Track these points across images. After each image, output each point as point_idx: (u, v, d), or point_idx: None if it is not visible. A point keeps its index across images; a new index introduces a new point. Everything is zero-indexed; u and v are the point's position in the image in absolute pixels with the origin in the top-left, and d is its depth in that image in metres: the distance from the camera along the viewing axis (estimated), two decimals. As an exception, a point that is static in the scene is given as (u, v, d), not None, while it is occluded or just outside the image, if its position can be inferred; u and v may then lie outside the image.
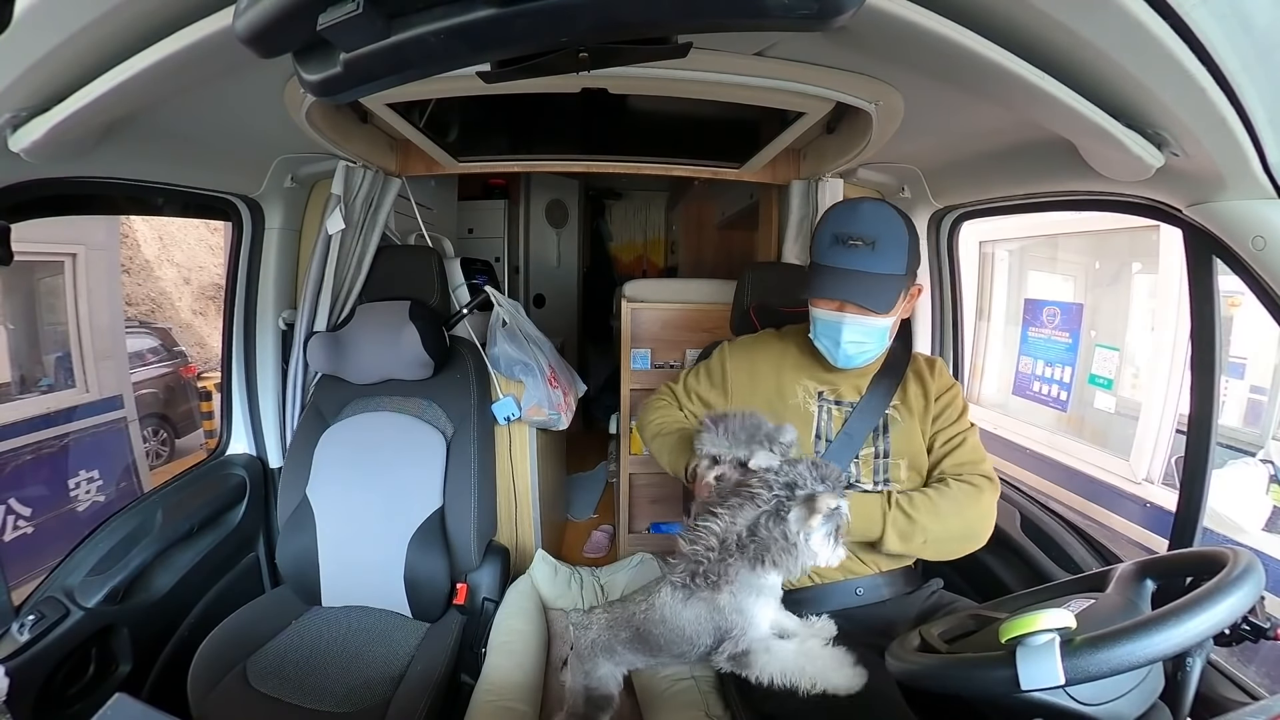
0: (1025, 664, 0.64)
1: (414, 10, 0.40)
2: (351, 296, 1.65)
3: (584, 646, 1.10)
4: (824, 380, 1.25)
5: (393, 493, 1.48)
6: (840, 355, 1.16)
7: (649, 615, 1.02)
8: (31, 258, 3.60)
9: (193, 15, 0.65)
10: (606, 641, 1.08)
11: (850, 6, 0.40)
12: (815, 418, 1.22)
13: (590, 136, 1.77)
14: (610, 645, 1.08)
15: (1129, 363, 2.89)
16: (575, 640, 1.12)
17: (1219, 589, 0.65)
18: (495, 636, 1.52)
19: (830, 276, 1.11)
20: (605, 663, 1.10)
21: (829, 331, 1.16)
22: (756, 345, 1.35)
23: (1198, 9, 0.56)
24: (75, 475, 3.52)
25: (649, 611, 1.02)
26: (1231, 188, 0.80)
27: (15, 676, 0.97)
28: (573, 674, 1.12)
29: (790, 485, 0.90)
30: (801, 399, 1.24)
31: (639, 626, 1.04)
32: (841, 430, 1.20)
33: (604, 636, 1.09)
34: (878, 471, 1.20)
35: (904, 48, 0.74)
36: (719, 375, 1.33)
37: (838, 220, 1.12)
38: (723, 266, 3.38)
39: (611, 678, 1.11)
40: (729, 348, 1.36)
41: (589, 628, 1.10)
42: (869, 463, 1.20)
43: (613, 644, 1.08)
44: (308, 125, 1.19)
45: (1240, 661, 1.11)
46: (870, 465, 1.20)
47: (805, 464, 0.93)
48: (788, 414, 1.21)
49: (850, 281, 1.10)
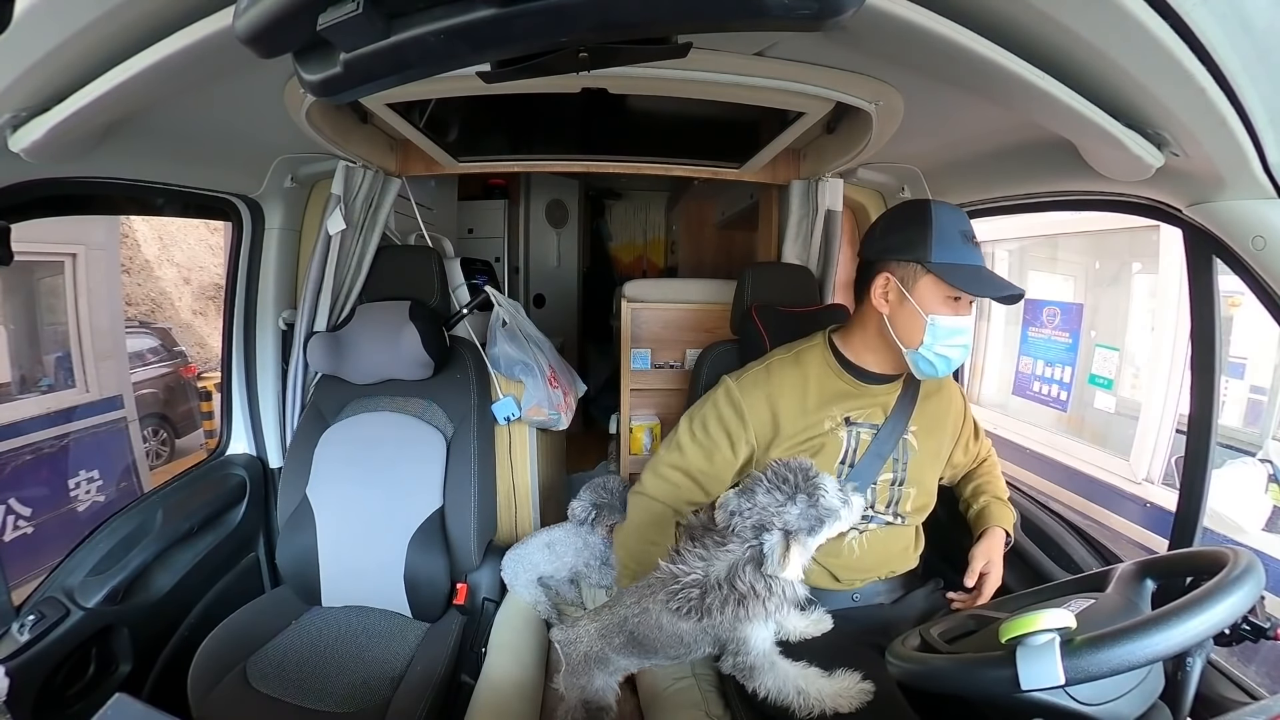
0: (1025, 664, 0.64)
1: (414, 10, 0.40)
2: (351, 296, 1.65)
3: (576, 660, 1.07)
4: (852, 403, 1.15)
5: (393, 493, 1.48)
6: (955, 365, 1.07)
7: (643, 620, 1.01)
8: (31, 258, 3.60)
9: (193, 15, 0.65)
10: (599, 652, 1.06)
11: (850, 6, 0.40)
12: (844, 444, 1.14)
13: (590, 136, 1.76)
14: (603, 655, 1.06)
15: (1129, 363, 2.89)
16: (565, 655, 1.09)
17: (1219, 589, 0.65)
18: (495, 636, 1.52)
19: (978, 275, 1.02)
20: (600, 674, 1.08)
21: (958, 338, 1.05)
22: (771, 378, 1.16)
23: (1198, 9, 0.56)
24: (75, 475, 3.53)
25: (643, 616, 1.01)
26: (1231, 188, 0.80)
27: (15, 676, 0.97)
28: (568, 689, 1.10)
29: (759, 528, 0.90)
30: (830, 427, 1.13)
31: (633, 631, 1.02)
32: (865, 454, 1.14)
33: (596, 647, 1.06)
34: (891, 501, 1.17)
35: (904, 48, 0.74)
36: (735, 420, 1.15)
37: (955, 218, 1.05)
38: (723, 266, 3.38)
39: (608, 688, 1.10)
40: (738, 386, 1.17)
41: (578, 641, 1.08)
42: (885, 490, 1.16)
43: (605, 653, 1.06)
44: (308, 125, 1.19)
45: (1240, 661, 1.11)
46: (886, 493, 1.17)
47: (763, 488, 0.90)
48: (819, 447, 1.13)
49: (995, 279, 1.04)
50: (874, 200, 1.80)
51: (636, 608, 1.02)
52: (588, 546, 1.61)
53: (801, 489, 0.89)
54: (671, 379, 2.00)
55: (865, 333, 1.15)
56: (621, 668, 1.11)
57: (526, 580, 1.60)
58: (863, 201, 1.79)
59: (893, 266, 1.07)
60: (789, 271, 1.71)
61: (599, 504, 1.60)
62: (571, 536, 1.62)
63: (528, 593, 1.59)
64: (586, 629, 1.08)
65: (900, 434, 1.16)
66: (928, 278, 1.04)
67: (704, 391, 1.54)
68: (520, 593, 1.59)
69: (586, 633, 1.08)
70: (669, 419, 2.01)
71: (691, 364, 1.85)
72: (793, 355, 1.20)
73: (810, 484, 0.90)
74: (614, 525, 1.54)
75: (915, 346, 1.06)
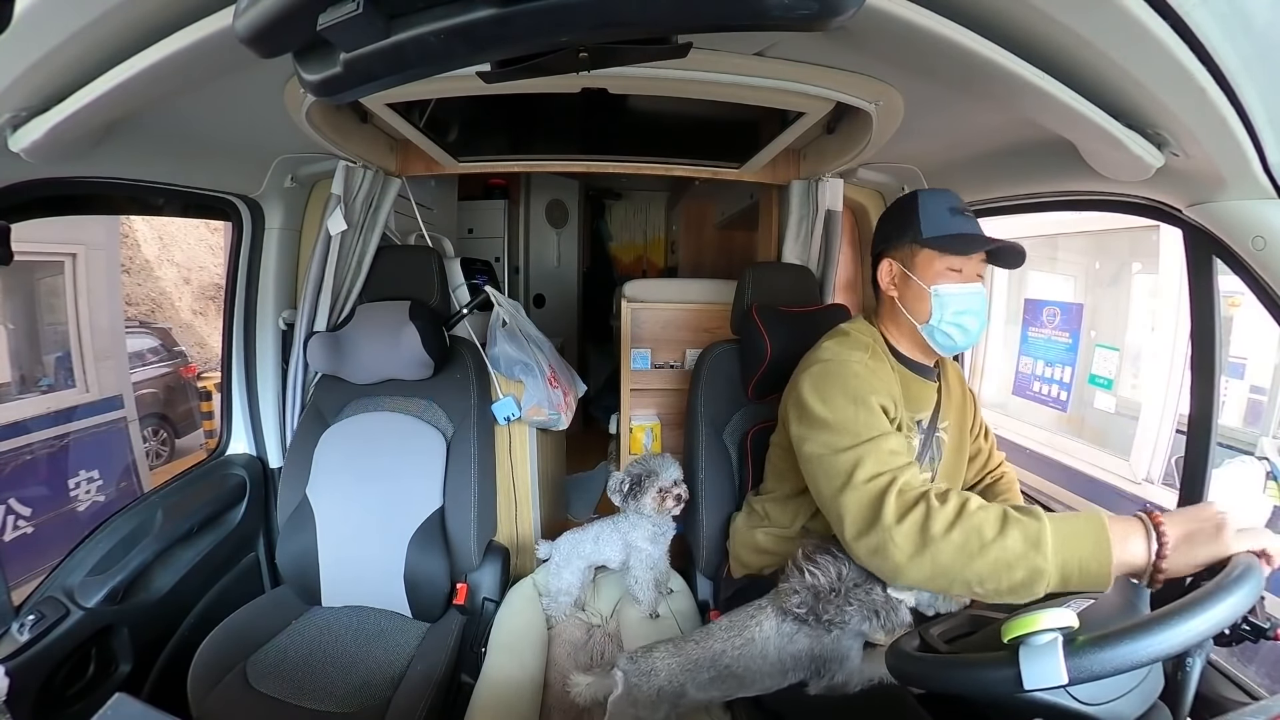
0: (1028, 663, 0.63)
1: (414, 10, 0.40)
2: (351, 296, 1.65)
3: (648, 694, 1.03)
4: (912, 400, 1.11)
5: (393, 492, 1.48)
6: (973, 336, 1.07)
7: (746, 651, 0.99)
8: (31, 258, 3.61)
9: (193, 15, 0.65)
10: (679, 687, 1.02)
11: (850, 6, 0.40)
12: (915, 451, 1.10)
13: (590, 136, 1.76)
14: (681, 689, 1.02)
15: (1129, 363, 2.88)
16: (633, 687, 1.04)
17: (1219, 589, 0.65)
18: (495, 636, 1.52)
19: (969, 237, 1.04)
20: (666, 708, 1.04)
21: (972, 304, 1.05)
22: (866, 372, 1.03)
23: (1198, 9, 0.56)
24: (75, 475, 3.53)
25: (746, 648, 0.99)
26: (1231, 188, 0.80)
27: (15, 676, 0.97)
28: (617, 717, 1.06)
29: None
30: (905, 430, 1.06)
31: (729, 664, 1.00)
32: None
33: (677, 682, 1.02)
34: None
35: (904, 48, 0.74)
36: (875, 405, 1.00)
37: (942, 196, 1.08)
38: (723, 266, 3.38)
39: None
40: (856, 365, 1.03)
41: (653, 674, 1.03)
42: None
43: (685, 687, 1.02)
44: (308, 125, 1.19)
45: (1240, 661, 1.11)
46: None
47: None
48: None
49: (984, 238, 1.05)
50: (874, 200, 1.80)
51: (739, 639, 1.00)
52: (627, 545, 1.58)
53: None
54: (671, 379, 2.00)
55: (894, 322, 1.16)
56: (691, 702, 1.07)
57: (577, 566, 1.59)
58: (863, 201, 1.79)
59: (892, 251, 1.13)
60: (789, 271, 1.71)
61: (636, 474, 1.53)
62: (611, 532, 1.60)
63: (576, 576, 1.58)
64: (666, 663, 1.03)
65: (935, 432, 1.16)
66: (923, 253, 1.08)
67: (704, 391, 1.55)
68: (567, 577, 1.58)
69: (666, 667, 1.03)
70: (669, 419, 2.01)
71: (691, 364, 1.85)
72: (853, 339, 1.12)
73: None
74: (662, 490, 1.49)
75: (926, 320, 1.08)
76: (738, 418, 1.54)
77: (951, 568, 0.79)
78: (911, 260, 1.09)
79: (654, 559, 1.55)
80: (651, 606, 1.53)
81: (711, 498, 1.50)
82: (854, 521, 0.87)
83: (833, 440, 0.95)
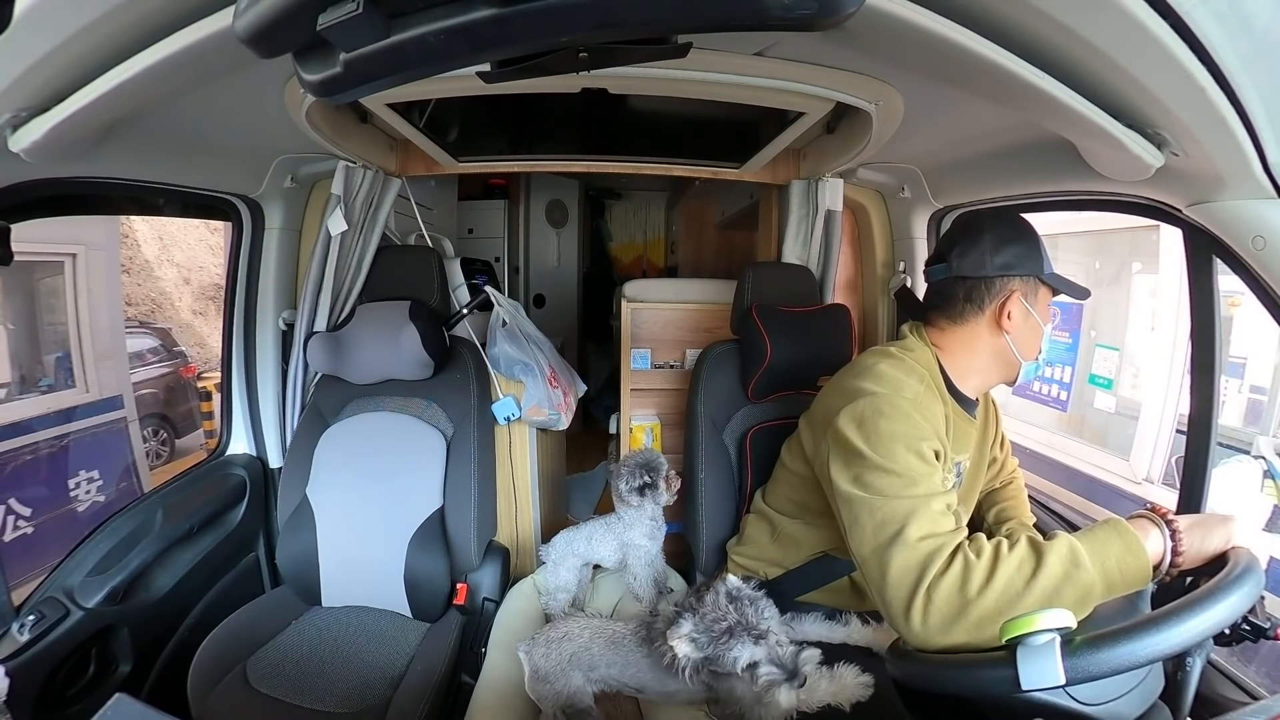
0: (1026, 664, 0.64)
1: (414, 10, 0.40)
2: (351, 296, 1.65)
3: (557, 663, 1.07)
4: (957, 441, 1.06)
5: (393, 493, 1.48)
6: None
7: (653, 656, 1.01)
8: (31, 258, 3.61)
9: (193, 15, 0.65)
10: (591, 657, 1.06)
11: (850, 6, 0.40)
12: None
13: (590, 136, 1.76)
14: (593, 663, 1.06)
15: (1129, 363, 2.89)
16: (537, 667, 1.09)
17: (1219, 589, 0.65)
18: (495, 636, 1.52)
19: (1080, 286, 1.05)
20: (578, 675, 1.08)
21: (1044, 344, 1.06)
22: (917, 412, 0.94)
23: (1198, 9, 0.56)
24: (75, 475, 3.53)
25: (652, 655, 1.01)
26: (1231, 188, 0.80)
27: (15, 676, 0.97)
28: (541, 697, 1.09)
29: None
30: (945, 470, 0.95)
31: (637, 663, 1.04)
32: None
33: (591, 653, 1.06)
34: None
35: (904, 48, 0.74)
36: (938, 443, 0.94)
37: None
38: (723, 266, 3.38)
39: (585, 691, 1.10)
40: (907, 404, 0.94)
41: (565, 639, 1.07)
42: None
43: (595, 663, 1.06)
44: (308, 125, 1.19)
45: (1240, 661, 1.11)
46: None
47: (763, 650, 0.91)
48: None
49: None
50: (874, 200, 1.80)
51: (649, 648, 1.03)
52: (623, 544, 1.58)
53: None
54: (671, 379, 2.00)
55: (973, 355, 1.06)
56: (602, 678, 1.10)
57: (572, 564, 1.58)
58: (863, 201, 1.79)
59: (1016, 283, 1.01)
60: (789, 271, 1.71)
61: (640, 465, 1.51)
62: (605, 533, 1.60)
63: (571, 574, 1.58)
64: (579, 630, 1.08)
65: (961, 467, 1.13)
66: (1044, 289, 1.03)
67: (703, 391, 1.54)
68: (563, 575, 1.58)
69: (579, 633, 1.08)
70: (669, 419, 2.01)
71: (691, 364, 1.85)
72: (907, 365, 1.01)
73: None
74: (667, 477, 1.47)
75: (1034, 358, 1.05)
76: (738, 418, 1.54)
77: (998, 614, 0.73)
78: (1034, 296, 1.02)
79: (652, 555, 1.54)
80: (652, 604, 1.53)
81: (711, 498, 1.50)
82: (897, 581, 0.80)
83: (884, 485, 0.86)
